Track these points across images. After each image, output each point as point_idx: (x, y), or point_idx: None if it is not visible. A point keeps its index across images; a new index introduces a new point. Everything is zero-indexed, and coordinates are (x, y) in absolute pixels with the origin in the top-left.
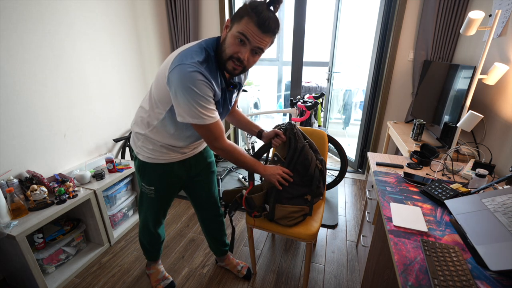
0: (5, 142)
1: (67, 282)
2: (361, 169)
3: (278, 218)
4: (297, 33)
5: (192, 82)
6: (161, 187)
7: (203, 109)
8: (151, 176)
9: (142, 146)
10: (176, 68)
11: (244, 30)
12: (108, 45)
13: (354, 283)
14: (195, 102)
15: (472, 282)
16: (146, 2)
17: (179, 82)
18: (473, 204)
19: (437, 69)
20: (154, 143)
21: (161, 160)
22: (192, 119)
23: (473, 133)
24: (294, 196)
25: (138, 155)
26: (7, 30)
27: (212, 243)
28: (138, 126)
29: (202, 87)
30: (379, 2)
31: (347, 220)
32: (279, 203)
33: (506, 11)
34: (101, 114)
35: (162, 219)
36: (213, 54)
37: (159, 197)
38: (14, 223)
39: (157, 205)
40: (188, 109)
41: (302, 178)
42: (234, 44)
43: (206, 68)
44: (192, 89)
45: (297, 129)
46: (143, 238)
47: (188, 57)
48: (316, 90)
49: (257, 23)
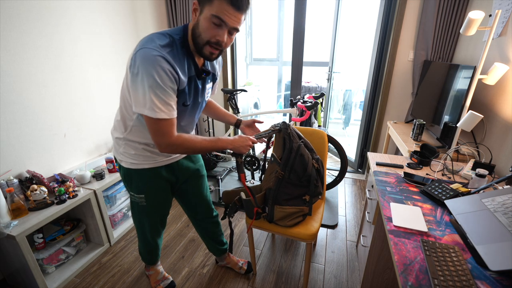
0: (5, 142)
1: (67, 282)
2: (361, 169)
3: (278, 219)
4: (297, 33)
5: (154, 67)
6: (151, 193)
7: (159, 100)
8: (138, 183)
9: (124, 152)
10: (138, 52)
11: (218, 12)
12: (108, 45)
13: (354, 283)
14: (152, 92)
15: (472, 282)
16: (146, 1)
17: (141, 65)
18: (473, 204)
19: (437, 69)
20: (135, 146)
21: (146, 165)
22: (143, 109)
23: (473, 133)
24: (293, 197)
25: (121, 163)
26: (7, 30)
27: (209, 244)
28: (116, 131)
29: (164, 76)
30: (379, 2)
31: (347, 220)
32: (278, 205)
33: (506, 11)
34: (101, 114)
35: (161, 228)
36: (179, 39)
37: (151, 205)
38: (14, 223)
39: (151, 214)
40: (142, 96)
41: (300, 178)
42: (210, 28)
43: (169, 52)
44: (152, 77)
45: (291, 128)
46: (141, 246)
47: (149, 42)
48: (316, 90)
49: (231, 2)
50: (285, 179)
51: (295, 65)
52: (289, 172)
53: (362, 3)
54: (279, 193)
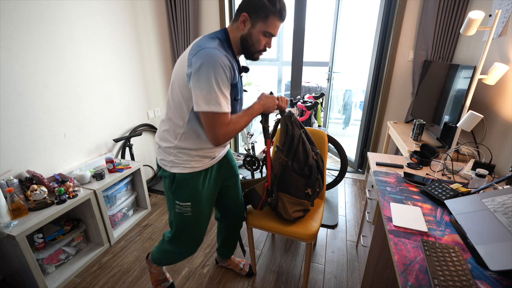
0: (5, 142)
1: (67, 282)
2: (361, 169)
3: (281, 207)
4: (297, 33)
5: (218, 63)
6: (197, 200)
7: (222, 95)
8: (187, 189)
9: (175, 159)
10: (199, 52)
11: (272, 30)
12: (108, 45)
13: (354, 283)
14: (217, 87)
15: (472, 282)
16: (146, 2)
17: (205, 64)
18: (473, 204)
19: (437, 69)
20: (187, 153)
21: (198, 168)
22: (208, 106)
23: (473, 133)
24: (296, 186)
25: (172, 169)
26: (7, 30)
27: (225, 243)
28: (165, 141)
29: (226, 72)
30: (379, 2)
31: (347, 220)
32: (281, 192)
33: (506, 11)
34: (101, 114)
35: (201, 238)
36: (225, 41)
37: (197, 213)
38: (14, 223)
39: (196, 223)
40: (208, 94)
41: (302, 168)
42: (263, 40)
43: (225, 51)
44: (218, 73)
45: (295, 117)
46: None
47: (206, 43)
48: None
49: (280, 18)
50: (289, 166)
51: (295, 65)
52: (292, 159)
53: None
54: (283, 180)
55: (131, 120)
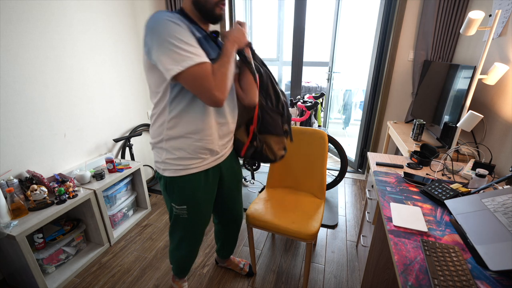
0: (5, 142)
1: (67, 282)
2: (361, 169)
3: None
4: (297, 33)
5: (168, 23)
6: (193, 203)
7: (188, 47)
8: (181, 192)
9: (168, 158)
10: (148, 22)
11: None
12: (108, 45)
13: (354, 283)
14: (175, 39)
15: (472, 282)
16: (146, 1)
17: (155, 28)
18: (473, 204)
19: (437, 69)
20: (181, 144)
21: (193, 169)
22: (178, 66)
23: (473, 133)
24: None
25: (165, 172)
26: (7, 30)
27: (224, 245)
28: (157, 136)
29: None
30: (379, 2)
31: (347, 220)
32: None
33: (506, 11)
34: (101, 114)
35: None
36: (179, 13)
37: (193, 215)
38: (14, 223)
39: (194, 225)
40: (171, 51)
41: (277, 104)
42: None
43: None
44: (171, 30)
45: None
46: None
47: (156, 13)
48: (316, 90)
49: None
50: (264, 106)
51: (295, 65)
52: (265, 98)
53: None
54: (263, 121)
55: (131, 120)
